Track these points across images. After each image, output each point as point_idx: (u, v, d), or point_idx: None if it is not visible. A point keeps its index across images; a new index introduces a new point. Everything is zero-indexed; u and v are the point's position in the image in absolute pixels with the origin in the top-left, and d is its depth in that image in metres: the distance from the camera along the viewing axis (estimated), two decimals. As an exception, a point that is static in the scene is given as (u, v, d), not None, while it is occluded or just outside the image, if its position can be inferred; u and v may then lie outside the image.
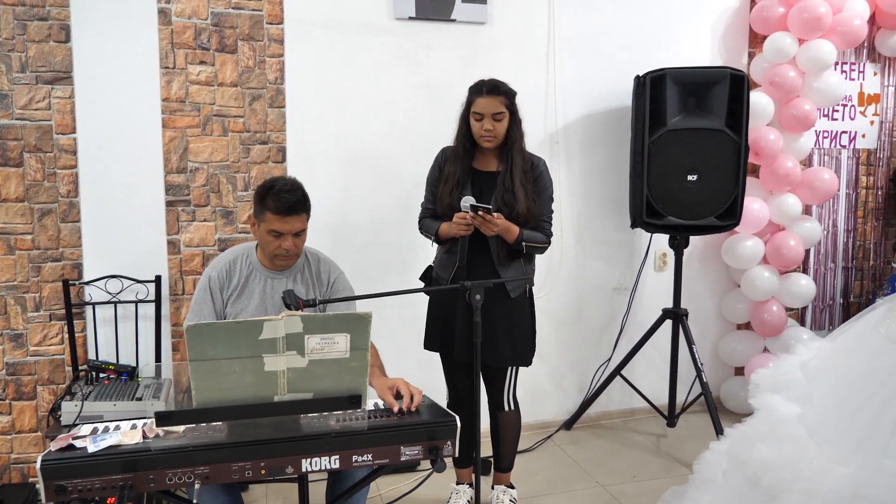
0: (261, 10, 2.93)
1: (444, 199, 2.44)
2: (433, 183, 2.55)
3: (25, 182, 2.74)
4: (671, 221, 3.16)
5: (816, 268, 3.92)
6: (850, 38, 3.43)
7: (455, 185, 2.44)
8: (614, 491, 2.89)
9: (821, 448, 1.79)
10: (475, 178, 2.48)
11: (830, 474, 1.72)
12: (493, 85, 2.41)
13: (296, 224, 2.13)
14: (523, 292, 2.50)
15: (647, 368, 3.58)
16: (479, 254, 2.42)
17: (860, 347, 1.98)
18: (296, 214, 2.12)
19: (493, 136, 2.40)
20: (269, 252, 2.17)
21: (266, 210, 2.11)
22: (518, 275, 2.45)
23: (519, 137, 2.43)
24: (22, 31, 2.68)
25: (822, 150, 3.84)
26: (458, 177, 2.44)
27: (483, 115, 2.38)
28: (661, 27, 3.50)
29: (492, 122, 2.38)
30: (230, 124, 2.94)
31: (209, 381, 1.55)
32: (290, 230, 2.12)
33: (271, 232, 2.12)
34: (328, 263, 2.34)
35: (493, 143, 2.41)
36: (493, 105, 2.37)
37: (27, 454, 2.84)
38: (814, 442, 1.81)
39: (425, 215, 2.59)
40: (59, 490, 1.50)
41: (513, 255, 2.44)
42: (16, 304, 2.77)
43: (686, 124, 3.10)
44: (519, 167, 2.41)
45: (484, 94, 2.39)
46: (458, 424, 1.75)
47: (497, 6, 3.23)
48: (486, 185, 2.45)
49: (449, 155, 2.51)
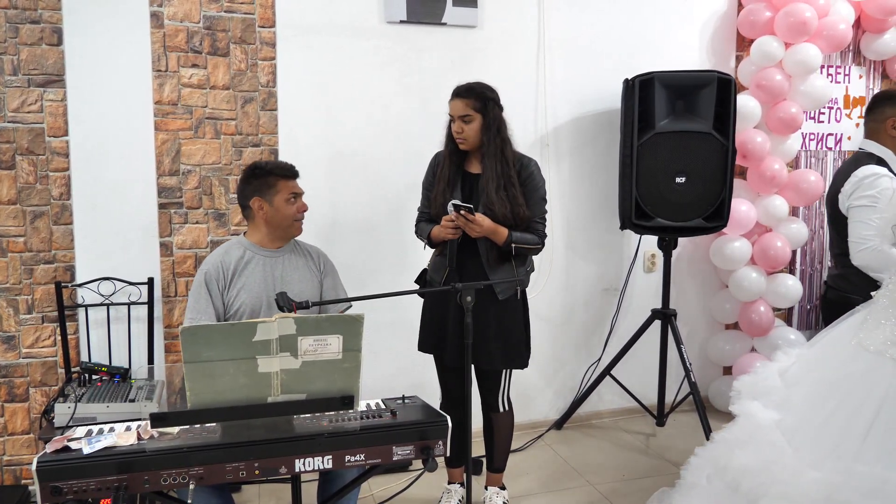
0: (253, 13, 2.94)
1: (437, 199, 2.47)
2: (427, 187, 2.58)
3: (18, 184, 2.74)
4: (660, 223, 3.20)
5: (803, 268, 3.97)
6: (835, 42, 3.48)
7: (447, 186, 2.46)
8: (604, 490, 2.93)
9: (797, 453, 1.83)
10: (465, 180, 2.50)
11: (805, 478, 1.75)
12: (464, 87, 2.44)
13: (299, 185, 2.37)
14: (514, 294, 2.51)
15: (636, 368, 3.62)
16: (469, 256, 2.44)
17: (836, 354, 2.02)
18: (298, 177, 2.37)
19: (463, 138, 2.42)
20: (291, 219, 2.31)
21: (277, 180, 2.29)
22: (508, 277, 2.46)
23: (492, 143, 2.40)
24: (14, 34, 2.68)
25: (808, 152, 3.89)
26: (449, 178, 2.47)
27: (453, 116, 2.43)
28: (650, 31, 3.54)
29: (461, 123, 2.41)
30: (222, 127, 2.95)
31: (203, 383, 1.57)
32: (301, 190, 2.36)
33: (290, 196, 2.30)
34: (314, 248, 2.48)
35: (464, 144, 2.44)
36: (460, 107, 2.40)
37: (19, 456, 2.84)
38: (791, 447, 1.85)
39: (421, 219, 2.61)
40: (54, 491, 1.52)
41: (503, 257, 2.45)
42: (8, 307, 2.78)
43: (674, 127, 3.14)
44: (494, 172, 2.39)
45: (454, 97, 2.44)
46: (450, 424, 1.77)
47: (488, 10, 3.26)
48: (474, 187, 2.47)
49: (441, 158, 2.54)
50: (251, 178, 2.29)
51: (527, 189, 2.45)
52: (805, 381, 2.02)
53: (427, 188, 2.59)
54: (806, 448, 1.83)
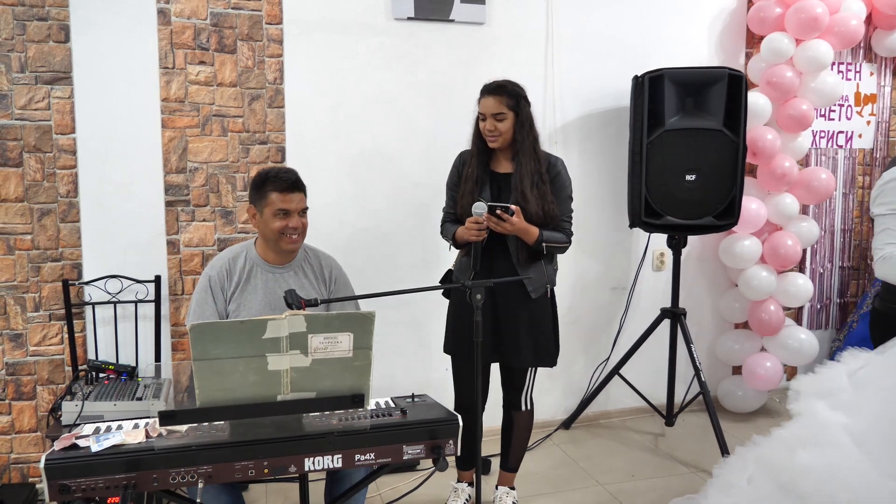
0: (260, 10, 2.93)
1: (465, 199, 2.44)
2: (452, 187, 2.57)
3: (25, 182, 2.74)
4: (669, 221, 3.17)
5: (814, 267, 3.94)
6: (846, 39, 3.45)
7: (474, 185, 2.44)
8: (613, 490, 2.90)
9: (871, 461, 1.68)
10: (493, 179, 2.48)
11: (883, 488, 1.61)
12: (496, 85, 2.42)
13: (300, 200, 2.20)
14: (545, 293, 2.49)
15: (645, 368, 3.59)
16: (498, 256, 2.43)
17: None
18: (298, 191, 2.20)
19: (496, 136, 2.40)
20: (277, 234, 2.18)
21: (269, 192, 2.17)
22: (539, 276, 2.44)
23: (526, 139, 2.41)
24: (21, 32, 2.67)
25: (819, 149, 3.86)
26: (477, 177, 2.45)
27: (485, 115, 2.40)
28: (659, 28, 3.51)
29: (493, 122, 2.39)
30: (229, 124, 2.94)
31: (213, 381, 1.55)
32: (296, 207, 2.19)
33: (278, 212, 2.17)
34: (328, 259, 2.38)
35: (497, 143, 2.42)
36: (494, 105, 2.38)
37: (27, 454, 2.84)
38: (861, 453, 1.71)
39: (446, 220, 2.60)
40: (62, 489, 1.50)
41: (533, 256, 2.44)
42: (15, 305, 2.77)
43: (684, 124, 3.11)
44: (528, 169, 2.39)
45: (486, 94, 2.41)
46: (461, 424, 1.75)
47: (496, 6, 3.23)
48: (503, 186, 2.46)
49: (466, 157, 2.52)
50: (252, 185, 2.24)
51: (555, 188, 2.45)
52: (877, 388, 1.85)
53: (452, 188, 2.57)
54: (882, 457, 1.67)
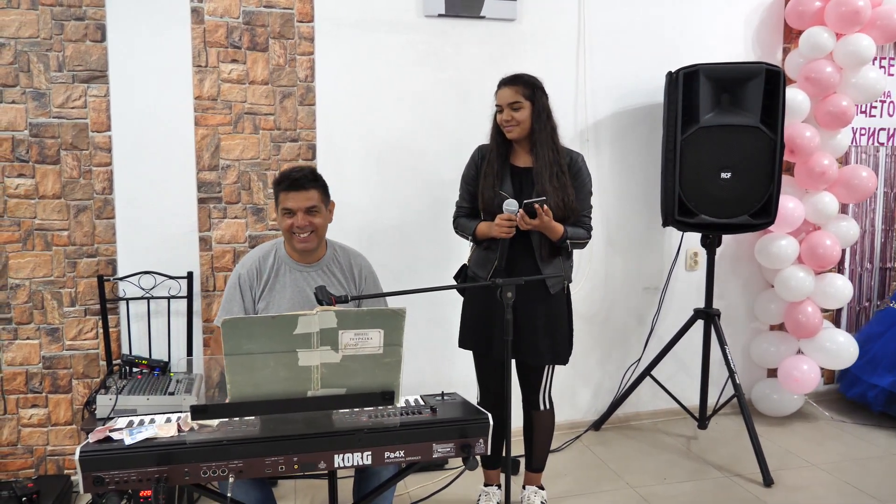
0: (291, 8, 2.94)
1: (485, 192, 2.43)
2: (468, 181, 2.55)
3: (62, 179, 2.79)
4: (703, 220, 3.10)
5: (853, 268, 3.84)
6: (889, 32, 3.34)
7: (495, 179, 2.43)
8: (644, 492, 2.86)
9: None
10: (513, 173, 2.46)
11: None
12: (510, 76, 2.43)
13: (305, 199, 2.19)
14: (561, 289, 2.48)
15: (677, 369, 3.53)
16: (522, 252, 2.41)
17: None
18: (304, 189, 2.19)
19: (513, 125, 2.39)
20: (288, 233, 2.23)
21: (279, 192, 2.23)
22: (558, 272, 2.43)
23: (543, 130, 2.40)
24: (59, 31, 2.72)
25: (859, 147, 3.76)
26: (497, 171, 2.44)
27: (502, 105, 2.41)
28: (693, 22, 3.44)
29: (510, 111, 2.39)
30: (261, 122, 2.96)
31: (244, 376, 1.55)
32: (300, 205, 2.18)
33: (285, 211, 2.21)
34: (358, 257, 2.39)
35: (514, 133, 2.41)
36: (509, 94, 2.39)
37: (62, 446, 2.89)
38: None
39: (460, 214, 2.58)
40: (96, 481, 1.52)
41: (554, 252, 2.43)
42: (52, 299, 2.82)
43: (719, 121, 3.05)
44: (547, 162, 2.38)
45: (502, 86, 2.43)
46: (491, 422, 1.73)
47: (526, 2, 3.20)
48: (524, 180, 2.44)
49: (485, 152, 2.51)
50: (273, 187, 2.30)
51: (576, 183, 2.44)
52: None
53: (468, 182, 2.55)
54: None
